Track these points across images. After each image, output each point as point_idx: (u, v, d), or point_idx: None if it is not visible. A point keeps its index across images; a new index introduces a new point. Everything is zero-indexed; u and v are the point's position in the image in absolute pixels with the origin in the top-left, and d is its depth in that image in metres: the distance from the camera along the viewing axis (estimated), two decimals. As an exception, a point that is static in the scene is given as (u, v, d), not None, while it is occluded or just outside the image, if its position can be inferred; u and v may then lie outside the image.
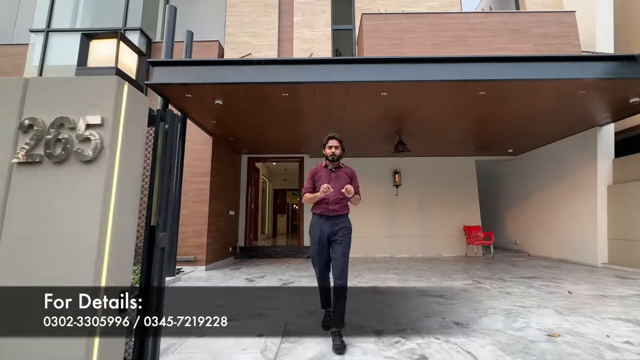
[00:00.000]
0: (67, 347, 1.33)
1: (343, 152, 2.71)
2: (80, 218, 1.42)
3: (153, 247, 1.71)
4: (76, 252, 1.40)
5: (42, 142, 1.47)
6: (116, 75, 1.55)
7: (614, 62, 4.14)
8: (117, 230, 1.48)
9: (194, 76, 4.24)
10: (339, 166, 2.73)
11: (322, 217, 2.62)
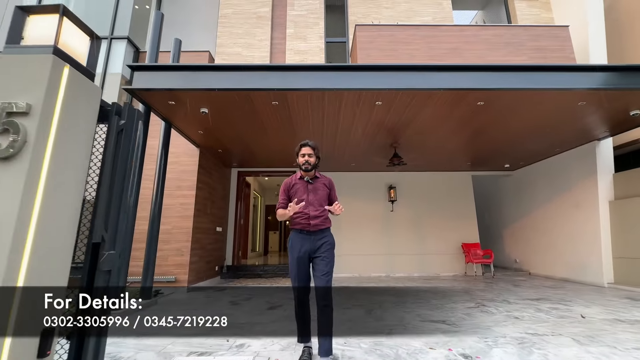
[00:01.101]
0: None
1: (318, 160, 2.47)
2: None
3: (92, 266, 1.36)
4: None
5: (-53, 132, 1.15)
6: (53, 55, 1.26)
7: (615, 72, 4.03)
8: (42, 243, 1.14)
9: (177, 82, 3.99)
10: (315, 176, 2.50)
11: (302, 232, 2.38)
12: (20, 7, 1.36)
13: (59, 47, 1.31)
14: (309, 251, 2.34)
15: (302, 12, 6.93)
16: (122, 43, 6.20)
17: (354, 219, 7.67)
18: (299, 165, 2.45)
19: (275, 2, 7.09)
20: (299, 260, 2.33)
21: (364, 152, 6.49)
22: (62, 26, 1.34)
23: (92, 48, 1.52)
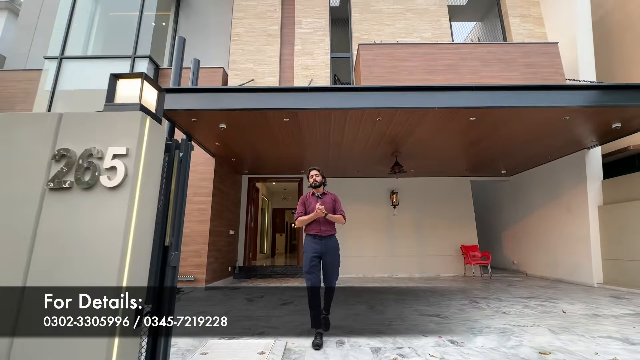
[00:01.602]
0: (89, 348, 1.45)
1: (324, 179, 3.23)
2: (104, 240, 1.58)
3: (165, 260, 1.85)
4: (100, 271, 1.54)
5: (73, 170, 1.64)
6: (140, 111, 1.75)
7: (595, 91, 4.44)
8: (135, 251, 1.63)
9: (200, 102, 4.49)
10: (324, 193, 3.24)
11: (315, 237, 3.06)
12: (113, 74, 1.86)
13: (142, 104, 1.80)
14: (320, 252, 3.01)
15: (308, 30, 7.43)
16: (144, 61, 6.75)
17: (358, 223, 8.12)
18: (310, 184, 3.20)
19: (284, 20, 7.61)
20: (312, 259, 2.98)
21: (367, 161, 6.94)
22: (143, 87, 1.83)
23: (159, 99, 2.01)
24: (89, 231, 1.59)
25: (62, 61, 6.77)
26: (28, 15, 8.32)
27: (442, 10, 7.56)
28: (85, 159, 1.65)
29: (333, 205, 3.17)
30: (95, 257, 1.56)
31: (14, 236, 1.57)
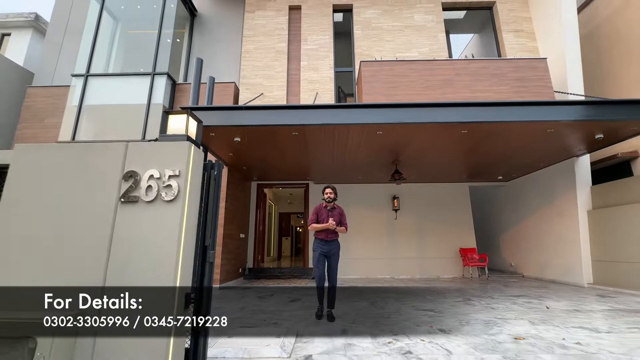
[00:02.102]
0: (161, 343, 1.94)
1: (336, 195, 4.04)
2: (162, 244, 2.07)
3: (204, 258, 2.34)
4: (161, 269, 2.04)
5: (138, 187, 2.15)
6: (187, 141, 2.26)
7: (578, 105, 4.88)
8: (185, 250, 2.12)
9: (217, 119, 5.01)
10: (334, 207, 4.04)
11: (322, 241, 3.95)
12: (165, 111, 2.36)
13: (188, 134, 2.31)
14: (326, 252, 3.91)
15: (314, 47, 7.96)
16: (162, 78, 7.32)
17: (361, 226, 8.57)
18: (324, 199, 4.05)
19: (291, 38, 8.15)
20: (319, 257, 3.90)
21: (369, 168, 7.42)
22: (188, 121, 2.34)
23: (198, 129, 2.52)
24: (152, 235, 2.09)
25: (88, 78, 7.37)
26: (54, 35, 8.98)
27: (439, 26, 8.05)
28: (148, 178, 2.16)
29: (340, 218, 4.00)
30: (156, 256, 2.06)
31: (98, 240, 2.07)
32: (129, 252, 2.07)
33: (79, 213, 2.13)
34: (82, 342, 1.91)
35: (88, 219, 2.12)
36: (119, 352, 1.92)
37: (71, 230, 2.10)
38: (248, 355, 2.55)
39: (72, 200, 2.15)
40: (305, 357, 2.55)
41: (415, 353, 2.63)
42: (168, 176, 2.15)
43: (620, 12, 7.53)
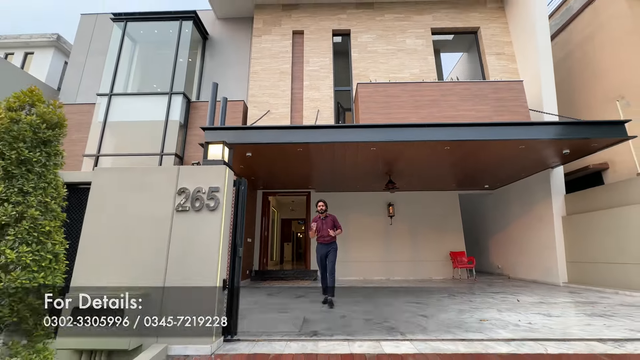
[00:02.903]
0: (208, 312, 2.66)
1: (327, 207, 5.13)
2: (208, 242, 2.81)
3: (235, 253, 3.07)
4: (207, 261, 2.77)
5: (189, 199, 2.89)
6: (224, 165, 3.01)
7: (544, 126, 5.66)
8: (223, 247, 2.86)
9: (232, 137, 5.78)
10: (326, 216, 5.10)
11: (322, 244, 5.04)
12: (207, 142, 3.12)
13: (223, 159, 3.06)
14: (324, 253, 5.01)
15: (315, 68, 8.79)
16: (178, 97, 8.12)
17: (359, 231, 9.28)
18: (317, 210, 5.04)
19: (295, 60, 8.98)
20: (320, 257, 5.04)
21: (365, 178, 8.17)
22: (223, 149, 3.10)
23: (230, 154, 3.28)
24: (199, 236, 2.83)
25: (112, 97, 8.17)
26: (78, 56, 9.81)
27: (429, 50, 8.89)
28: (196, 193, 2.91)
29: (333, 224, 4.99)
30: (203, 251, 2.80)
31: (160, 238, 2.81)
32: (183, 248, 2.82)
33: (145, 218, 2.88)
34: (152, 306, 2.64)
35: (152, 223, 2.87)
36: (179, 312, 2.64)
37: (139, 231, 2.85)
38: (266, 329, 3.25)
39: (140, 208, 2.90)
40: (312, 331, 3.25)
41: (397, 329, 3.34)
42: (211, 191, 2.90)
43: (590, 39, 8.38)
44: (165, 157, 7.68)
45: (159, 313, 2.63)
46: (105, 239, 2.79)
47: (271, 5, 9.41)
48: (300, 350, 2.67)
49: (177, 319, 2.62)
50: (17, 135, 1.93)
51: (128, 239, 2.81)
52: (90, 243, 2.77)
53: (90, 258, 2.73)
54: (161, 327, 2.59)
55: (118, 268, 2.71)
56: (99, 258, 2.75)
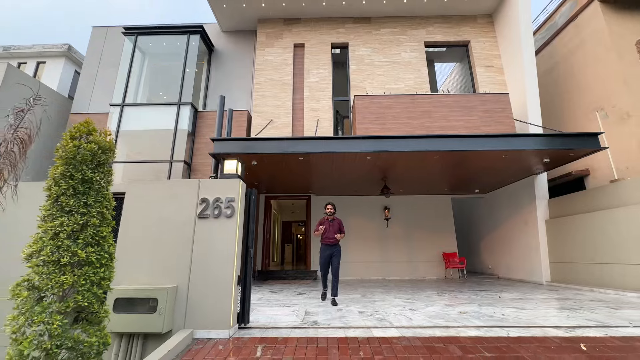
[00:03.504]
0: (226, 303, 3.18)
1: (335, 210, 5.39)
2: (226, 244, 3.33)
3: (247, 254, 3.58)
4: (224, 260, 3.29)
5: (209, 208, 3.41)
6: (238, 178, 3.53)
7: (525, 138, 6.19)
8: (237, 249, 3.38)
9: (239, 147, 6.30)
10: (334, 218, 5.32)
11: (327, 245, 5.25)
12: (223, 158, 3.64)
13: (237, 173, 3.59)
14: (329, 254, 5.23)
15: (315, 79, 9.32)
16: (187, 107, 8.64)
17: (357, 233, 9.79)
18: (325, 212, 5.19)
19: (295, 71, 9.52)
20: (325, 258, 5.24)
21: (362, 184, 8.68)
22: (237, 164, 3.62)
23: (242, 168, 3.80)
24: (218, 239, 3.35)
25: (124, 107, 8.69)
26: (89, 67, 10.34)
27: (422, 62, 9.43)
28: (214, 202, 3.43)
29: (339, 227, 5.26)
30: (221, 252, 3.32)
31: (185, 241, 3.33)
32: (204, 250, 3.34)
33: (172, 224, 3.40)
34: (180, 298, 3.16)
35: (178, 228, 3.39)
36: (202, 304, 3.15)
37: (167, 235, 3.37)
38: (273, 320, 3.77)
39: (167, 216, 3.42)
40: (313, 322, 3.77)
41: (387, 320, 3.86)
42: (227, 201, 3.43)
43: (574, 53, 8.93)
44: (175, 164, 8.19)
45: (186, 303, 3.15)
46: (139, 241, 3.31)
47: (273, 20, 9.96)
48: (304, 334, 3.19)
49: (200, 308, 3.14)
50: (81, 159, 2.45)
51: (158, 242, 3.33)
52: (126, 244, 3.28)
53: (127, 257, 3.24)
54: (187, 315, 3.11)
55: (151, 266, 3.23)
56: (134, 257, 3.26)
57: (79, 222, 2.32)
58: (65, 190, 2.36)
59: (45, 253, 2.18)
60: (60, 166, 2.40)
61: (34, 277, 2.16)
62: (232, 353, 2.73)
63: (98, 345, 2.27)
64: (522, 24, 8.35)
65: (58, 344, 2.08)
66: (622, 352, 2.63)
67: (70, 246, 2.25)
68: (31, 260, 2.22)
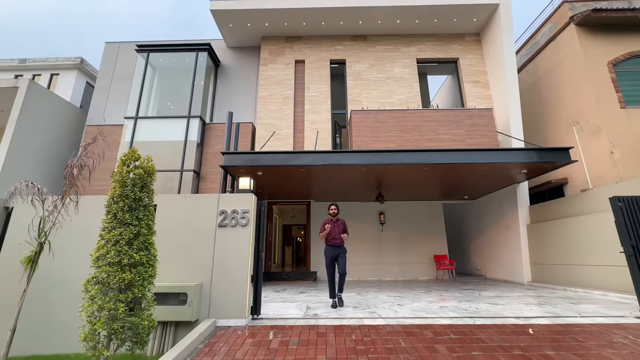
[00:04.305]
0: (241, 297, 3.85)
1: (338, 211, 5.41)
2: (241, 248, 4.00)
3: (258, 257, 4.25)
4: (240, 262, 3.96)
5: (227, 218, 4.09)
6: (251, 193, 4.21)
7: (503, 152, 6.89)
8: (251, 251, 4.05)
9: (246, 160, 6.97)
10: (337, 219, 5.39)
11: (332, 246, 5.23)
12: (239, 175, 4.32)
13: (251, 189, 4.26)
14: (334, 255, 5.19)
15: (315, 94, 10.03)
16: (196, 120, 9.32)
17: (354, 237, 10.41)
18: (329, 213, 5.33)
19: (296, 86, 10.22)
20: (330, 260, 5.18)
21: (359, 191, 9.37)
22: (250, 181, 4.30)
23: (254, 183, 4.48)
24: (234, 244, 4.02)
25: (137, 120, 9.36)
26: (103, 81, 11.01)
27: (414, 77, 10.15)
28: (232, 213, 4.10)
29: (343, 228, 5.31)
30: (238, 256, 3.99)
31: (208, 246, 4.00)
32: (224, 253, 4.02)
33: (196, 231, 4.08)
34: (204, 293, 3.83)
35: (202, 235, 4.07)
36: (222, 298, 3.82)
37: (193, 240, 4.05)
38: (280, 312, 4.43)
39: (193, 224, 4.10)
40: (313, 314, 4.43)
41: (377, 312, 4.53)
42: (243, 212, 4.11)
43: (554, 70, 9.68)
44: (185, 172, 8.87)
45: (209, 297, 3.82)
46: (170, 245, 3.98)
47: (276, 37, 10.68)
48: (306, 323, 3.86)
49: (221, 301, 3.82)
50: (132, 183, 3.11)
51: (185, 246, 4.00)
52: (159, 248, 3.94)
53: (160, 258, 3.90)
54: (211, 307, 3.78)
55: (180, 267, 3.90)
56: (167, 259, 3.93)
57: (133, 232, 2.99)
58: (122, 207, 3.03)
59: (110, 256, 2.85)
60: (118, 188, 3.08)
61: (102, 275, 2.83)
62: (249, 337, 3.40)
63: (148, 327, 2.93)
64: (505, 46, 9.09)
65: (121, 325, 2.75)
66: (558, 335, 3.31)
67: (127, 251, 2.92)
68: (98, 262, 2.89)
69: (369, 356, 2.84)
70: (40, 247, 3.30)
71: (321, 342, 3.20)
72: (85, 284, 2.84)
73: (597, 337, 3.27)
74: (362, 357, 2.82)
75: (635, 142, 7.72)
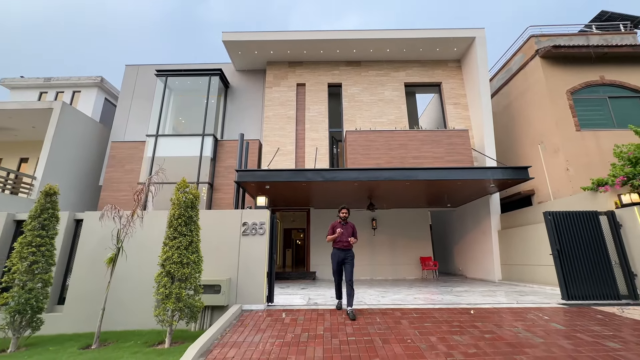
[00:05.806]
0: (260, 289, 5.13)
1: (349, 214, 5.25)
2: (259, 252, 5.28)
3: (272, 258, 5.52)
4: (259, 262, 5.24)
5: (249, 228, 5.36)
6: (266, 209, 5.49)
7: (475, 170, 8.21)
8: (267, 255, 5.33)
9: (256, 177, 8.25)
10: (347, 222, 5.23)
11: (339, 249, 4.98)
12: (257, 195, 5.59)
13: (266, 205, 5.54)
14: (342, 259, 4.94)
15: (314, 114, 11.33)
16: (209, 138, 10.59)
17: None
18: (339, 216, 5.16)
19: (298, 107, 11.53)
20: (338, 264, 4.95)
21: (353, 200, 10.66)
22: (267, 199, 5.58)
23: (269, 201, 5.76)
24: (254, 249, 5.30)
25: (158, 138, 10.62)
26: (124, 100, 12.27)
27: (402, 100, 11.49)
28: (252, 225, 5.37)
29: (352, 231, 5.07)
30: (257, 258, 5.27)
31: (234, 251, 5.26)
32: (247, 257, 5.30)
33: (225, 239, 5.35)
34: (232, 285, 5.10)
35: (229, 242, 5.34)
36: (246, 289, 5.10)
37: (223, 246, 5.32)
38: (288, 301, 5.69)
39: (222, 234, 5.37)
40: (314, 303, 5.70)
41: (364, 302, 5.81)
42: (260, 224, 5.39)
43: (523, 95, 11.05)
44: (201, 184, 10.12)
45: (236, 288, 5.09)
46: (205, 249, 5.24)
47: (280, 62, 11.99)
48: (309, 308, 5.13)
49: (245, 291, 5.09)
50: (186, 205, 4.38)
51: (217, 250, 5.27)
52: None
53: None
54: (238, 296, 5.05)
55: (214, 266, 5.16)
56: (205, 259, 5.20)
57: (188, 240, 4.26)
58: (180, 222, 4.30)
59: (174, 258, 4.12)
60: (177, 209, 4.36)
61: (170, 270, 4.10)
62: (267, 316, 4.67)
63: (200, 308, 4.20)
64: (480, 76, 10.47)
65: (185, 304, 4.02)
66: (491, 314, 4.61)
67: (185, 253, 4.19)
68: (165, 262, 4.16)
69: (353, 326, 4.13)
70: (118, 251, 4.54)
71: (320, 320, 4.47)
72: (157, 277, 4.11)
73: (517, 315, 4.57)
74: (349, 327, 4.10)
75: (587, 161, 9.07)
